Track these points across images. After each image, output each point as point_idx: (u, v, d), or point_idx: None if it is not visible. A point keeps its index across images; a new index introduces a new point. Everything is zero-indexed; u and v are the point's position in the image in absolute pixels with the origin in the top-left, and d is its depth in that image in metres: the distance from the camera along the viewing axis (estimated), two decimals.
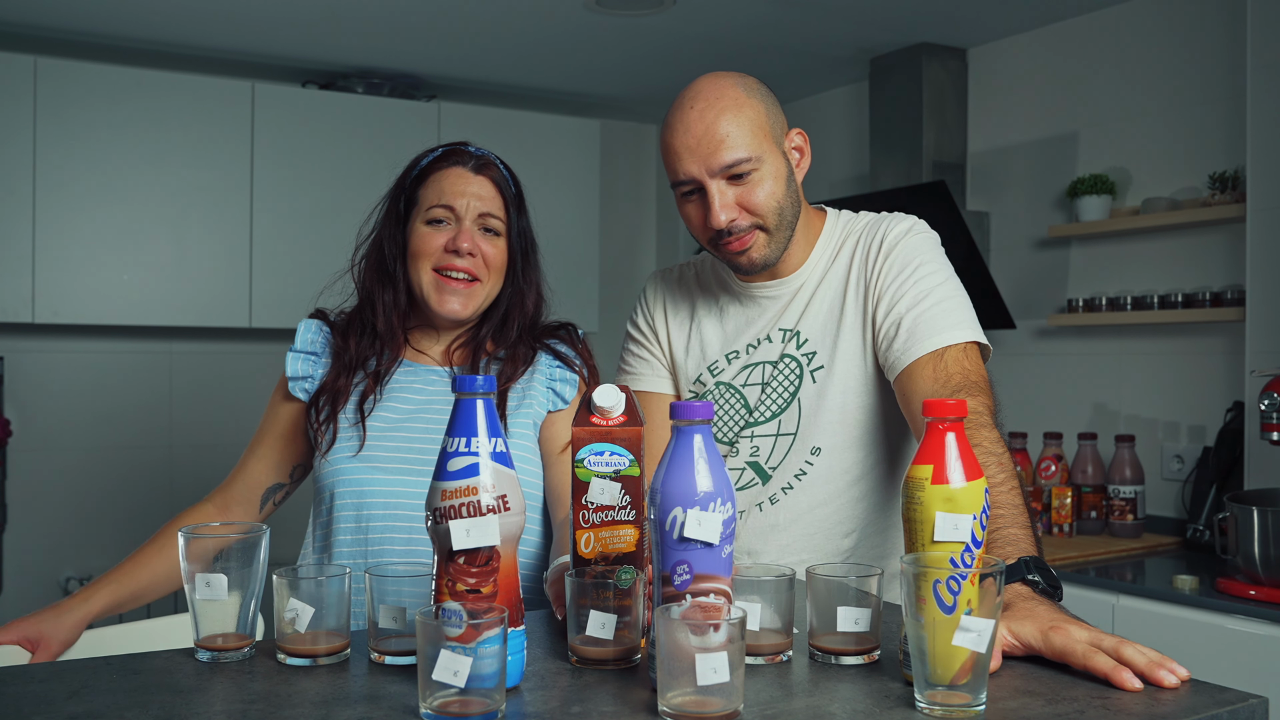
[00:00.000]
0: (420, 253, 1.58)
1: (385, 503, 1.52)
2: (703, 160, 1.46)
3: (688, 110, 1.47)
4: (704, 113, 1.46)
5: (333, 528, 1.55)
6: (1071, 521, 3.09)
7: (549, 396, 1.60)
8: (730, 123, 1.46)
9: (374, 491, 1.53)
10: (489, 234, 1.60)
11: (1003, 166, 3.61)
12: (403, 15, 3.41)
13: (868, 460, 1.56)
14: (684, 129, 1.47)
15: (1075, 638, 1.02)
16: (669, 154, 1.49)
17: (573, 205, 4.36)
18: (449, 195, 1.58)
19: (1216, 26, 3.05)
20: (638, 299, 1.76)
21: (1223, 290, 2.98)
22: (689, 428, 0.99)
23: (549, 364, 1.62)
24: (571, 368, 1.62)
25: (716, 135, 1.45)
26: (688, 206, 1.52)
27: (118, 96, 3.63)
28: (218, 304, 3.81)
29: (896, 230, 1.54)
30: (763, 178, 1.48)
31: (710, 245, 1.53)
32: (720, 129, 1.45)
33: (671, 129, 1.49)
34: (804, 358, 1.56)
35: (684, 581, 0.97)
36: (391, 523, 1.52)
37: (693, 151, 1.46)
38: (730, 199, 1.47)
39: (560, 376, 1.61)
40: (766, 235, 1.51)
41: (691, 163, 1.47)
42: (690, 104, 1.48)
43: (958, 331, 1.45)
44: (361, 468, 1.54)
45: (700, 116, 1.46)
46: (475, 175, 1.60)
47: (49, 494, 3.87)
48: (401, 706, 0.96)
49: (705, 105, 1.46)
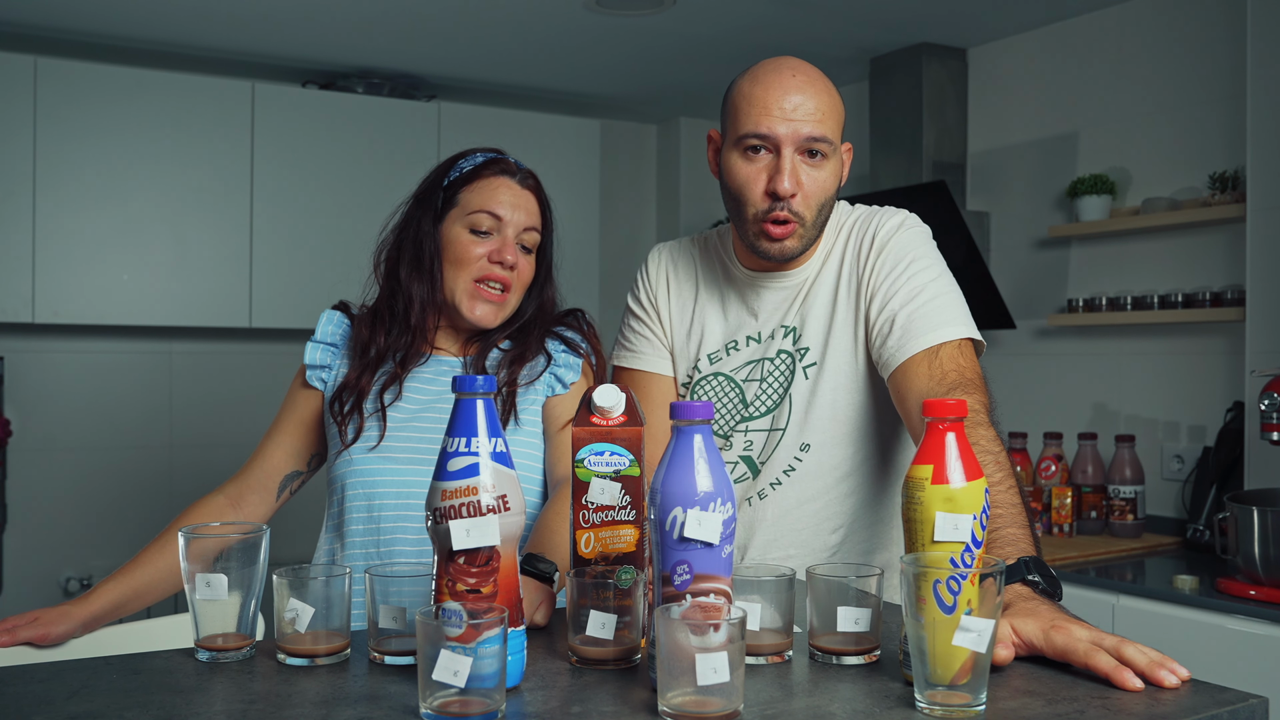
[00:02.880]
0: (463, 260, 1.58)
1: (398, 494, 1.53)
2: (792, 123, 1.45)
3: (785, 72, 1.46)
4: (805, 83, 1.46)
5: (344, 520, 1.57)
6: (1071, 521, 3.09)
7: (550, 382, 1.61)
8: (825, 103, 1.46)
9: (386, 483, 1.54)
10: (524, 249, 1.62)
11: (1003, 166, 3.61)
12: (403, 15, 3.41)
13: (856, 456, 1.56)
14: (780, 87, 1.45)
15: (1077, 637, 1.02)
16: (750, 104, 1.46)
17: (573, 205, 4.36)
18: (496, 204, 1.59)
19: (1216, 26, 3.05)
20: (639, 272, 1.72)
21: (1223, 290, 2.98)
22: (689, 428, 0.98)
23: (555, 349, 1.64)
24: (577, 351, 1.63)
25: (812, 106, 1.45)
26: (745, 164, 1.48)
27: (118, 96, 3.63)
28: (218, 304, 3.81)
29: (888, 226, 1.54)
30: (828, 168, 1.48)
31: (748, 216, 1.49)
32: (816, 103, 1.46)
33: (762, 84, 1.46)
34: (797, 353, 1.56)
35: (684, 581, 0.97)
36: (403, 514, 1.53)
37: (785, 112, 1.44)
38: (798, 173, 1.47)
39: (564, 361, 1.62)
40: (802, 230, 1.49)
41: (779, 122, 1.45)
42: (790, 69, 1.47)
43: (952, 328, 1.44)
44: (374, 458, 1.55)
45: (800, 84, 1.46)
46: (522, 189, 1.62)
47: (49, 494, 3.86)
48: (401, 706, 0.96)
49: (805, 77, 1.47)
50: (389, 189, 1.72)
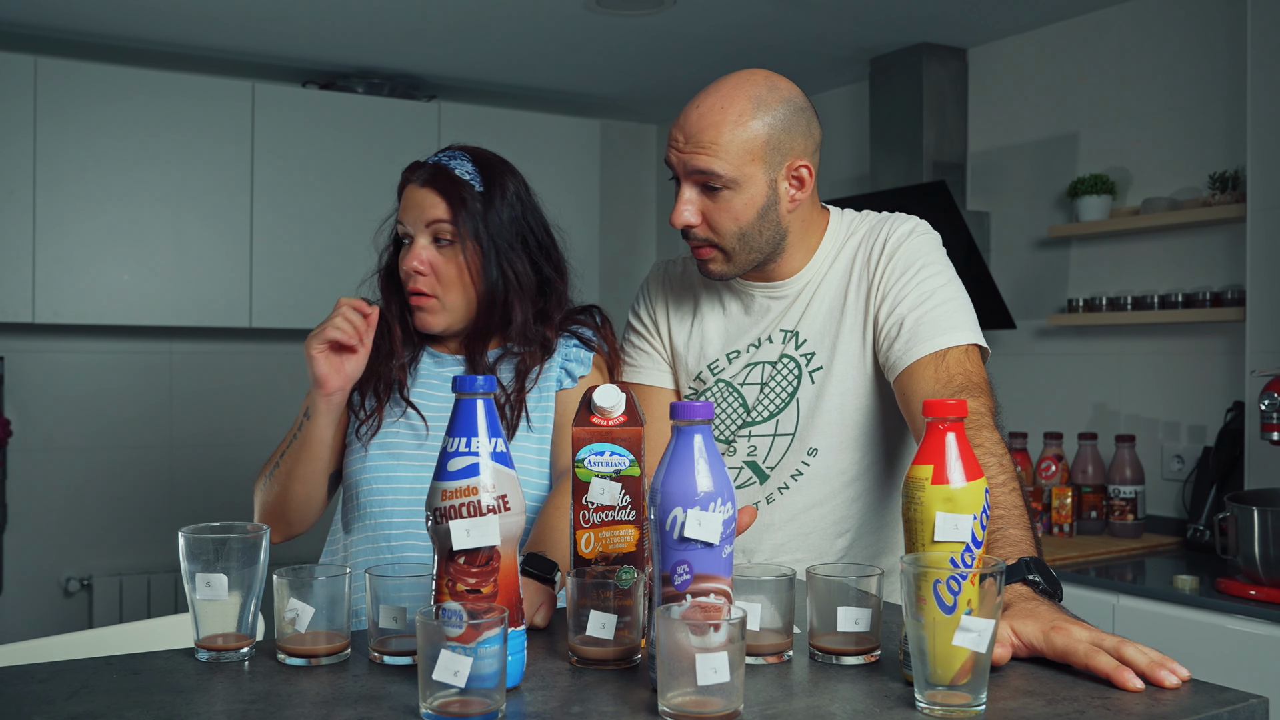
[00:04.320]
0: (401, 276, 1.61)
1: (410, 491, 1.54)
2: (681, 156, 1.46)
3: (695, 103, 1.47)
4: (705, 113, 1.45)
5: (354, 517, 1.59)
6: (1072, 521, 3.09)
7: (559, 376, 1.60)
8: (721, 133, 1.43)
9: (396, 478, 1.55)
10: (442, 244, 1.57)
11: (1003, 166, 3.61)
12: (403, 15, 3.41)
13: (864, 460, 1.56)
14: (682, 119, 1.47)
15: (1077, 637, 1.02)
16: (669, 135, 1.50)
17: (573, 205, 4.36)
18: (404, 214, 1.60)
19: (1216, 26, 3.05)
20: (640, 289, 1.74)
21: (1223, 290, 2.98)
22: (689, 428, 0.98)
23: (566, 345, 1.62)
24: (589, 346, 1.63)
25: (703, 140, 1.44)
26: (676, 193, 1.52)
27: (118, 96, 3.64)
28: (218, 304, 3.81)
29: (900, 231, 1.54)
30: (732, 200, 1.46)
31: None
32: (708, 135, 1.44)
33: (680, 113, 1.49)
34: (802, 359, 1.56)
35: (684, 581, 0.97)
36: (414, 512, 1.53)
37: (677, 144, 1.47)
38: (696, 205, 1.47)
39: (575, 356, 1.61)
40: (724, 255, 1.50)
41: (672, 153, 1.48)
42: (701, 99, 1.47)
43: (960, 333, 1.45)
44: (381, 455, 1.56)
45: (699, 115, 1.45)
46: (422, 188, 1.58)
47: (49, 494, 3.87)
48: (401, 706, 0.96)
49: (709, 106, 1.45)
50: (389, 189, 1.72)
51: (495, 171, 1.62)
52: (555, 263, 1.65)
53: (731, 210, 1.46)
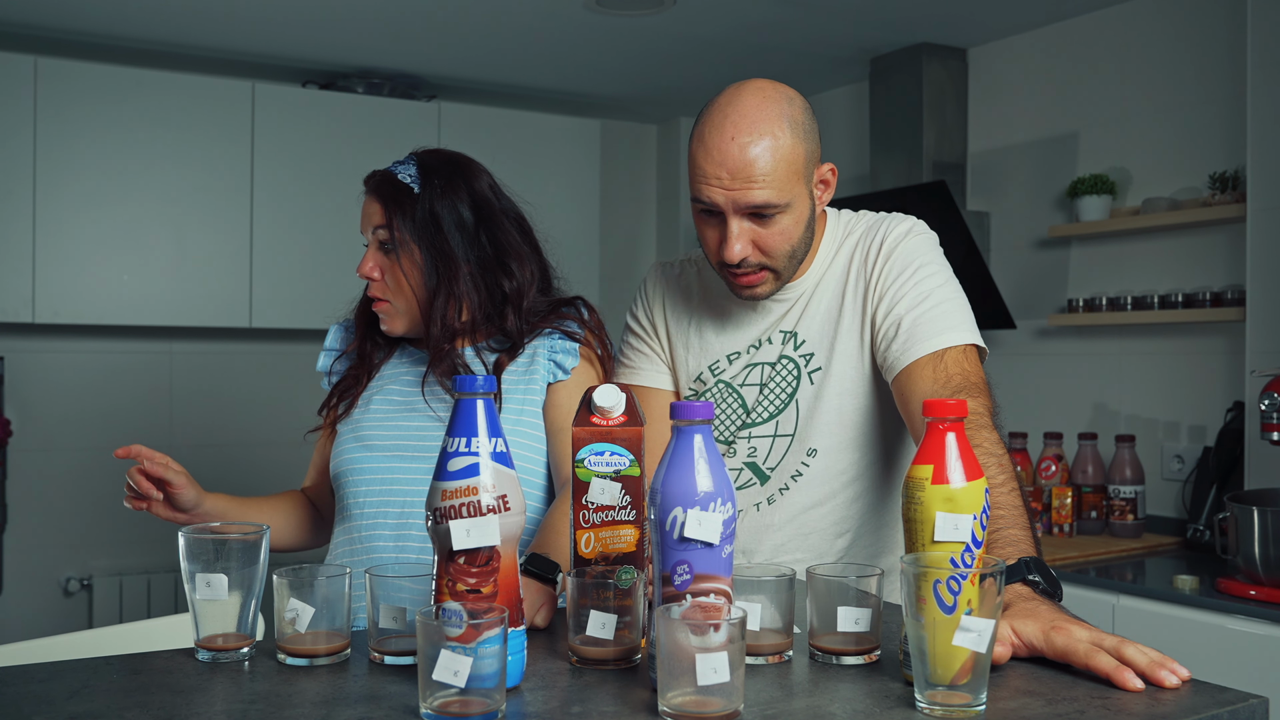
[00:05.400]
0: None
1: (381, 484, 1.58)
2: (730, 194, 1.41)
3: (724, 135, 1.40)
4: (744, 146, 1.39)
5: (339, 510, 1.64)
6: (1072, 521, 3.09)
7: (549, 369, 1.61)
8: (766, 163, 1.39)
9: (367, 469, 1.59)
10: (385, 248, 1.61)
11: (1003, 166, 3.61)
12: (403, 15, 3.41)
13: (863, 461, 1.56)
14: (718, 154, 1.40)
15: (1077, 637, 1.02)
16: (695, 171, 1.43)
17: (573, 205, 4.36)
18: (361, 225, 1.64)
19: (1216, 26, 3.05)
20: (638, 290, 1.74)
21: (1223, 290, 2.98)
22: (689, 428, 0.98)
23: (550, 337, 1.62)
24: (574, 338, 1.62)
25: (751, 174, 1.39)
26: (704, 225, 1.48)
27: (118, 96, 3.63)
28: (218, 304, 3.81)
29: (897, 231, 1.54)
30: (785, 222, 1.45)
31: (716, 266, 1.51)
32: (756, 168, 1.39)
33: (704, 147, 1.41)
34: (801, 359, 1.56)
35: (684, 581, 0.97)
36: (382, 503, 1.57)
37: (722, 182, 1.41)
38: (748, 236, 1.44)
39: (562, 348, 1.61)
40: (774, 275, 1.50)
41: (717, 192, 1.41)
42: (730, 128, 1.40)
43: (958, 333, 1.45)
44: (355, 446, 1.61)
45: (738, 148, 1.39)
46: (368, 196, 1.63)
47: (49, 494, 3.86)
48: (401, 706, 0.96)
49: (745, 136, 1.39)
50: None
51: (436, 173, 1.62)
52: (521, 257, 1.63)
53: (785, 232, 1.45)
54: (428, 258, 1.59)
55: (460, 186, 1.62)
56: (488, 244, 1.61)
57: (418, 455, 1.56)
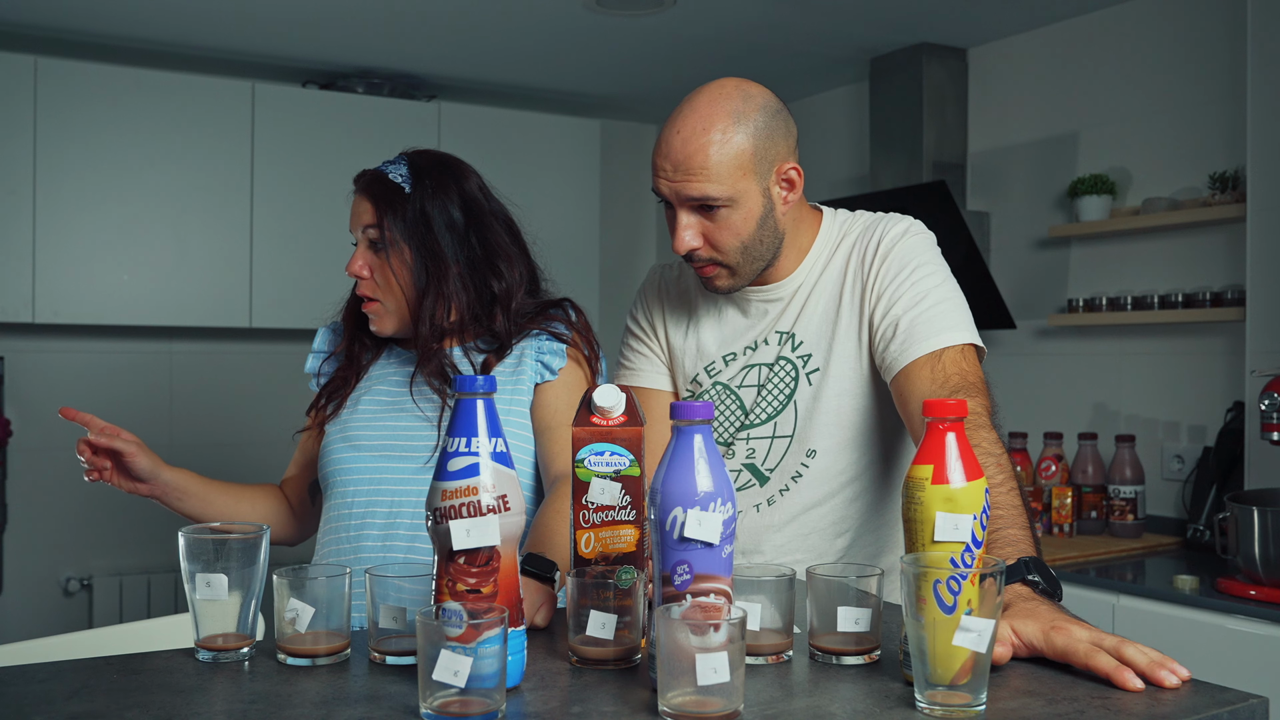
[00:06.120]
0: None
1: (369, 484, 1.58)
2: (672, 185, 1.44)
3: (674, 128, 1.44)
4: (688, 138, 1.42)
5: (324, 511, 1.64)
6: (1072, 521, 3.09)
7: (537, 369, 1.61)
8: (710, 156, 1.42)
9: (355, 469, 1.59)
10: (375, 247, 1.61)
11: (1003, 166, 3.61)
12: (403, 15, 3.41)
13: (862, 461, 1.56)
14: (664, 146, 1.44)
15: (1077, 637, 1.02)
16: (652, 163, 1.48)
17: (573, 205, 4.36)
18: (350, 222, 1.64)
19: (1216, 26, 3.05)
20: (637, 293, 1.75)
21: (1223, 290, 2.98)
22: (689, 428, 0.98)
23: (538, 338, 1.63)
24: (562, 339, 1.63)
25: (693, 165, 1.42)
26: (669, 221, 1.51)
27: (118, 96, 3.63)
28: (218, 304, 3.81)
29: (894, 231, 1.54)
30: (731, 217, 1.45)
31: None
32: (697, 160, 1.42)
33: (659, 140, 1.47)
34: (799, 360, 1.56)
35: (684, 581, 0.97)
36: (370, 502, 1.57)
37: (666, 174, 1.44)
38: (696, 228, 1.46)
39: (549, 349, 1.62)
40: (728, 270, 1.51)
41: (663, 184, 1.45)
42: (680, 123, 1.43)
43: (956, 333, 1.45)
44: (343, 447, 1.61)
45: (683, 141, 1.42)
46: (358, 195, 1.64)
47: (49, 494, 3.86)
48: (401, 706, 0.96)
49: (691, 129, 1.43)
50: None
51: (428, 173, 1.63)
52: (510, 258, 1.64)
53: (732, 227, 1.46)
54: (418, 257, 1.59)
55: (451, 187, 1.62)
56: (477, 245, 1.62)
57: (406, 455, 1.57)
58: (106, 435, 1.50)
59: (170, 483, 1.57)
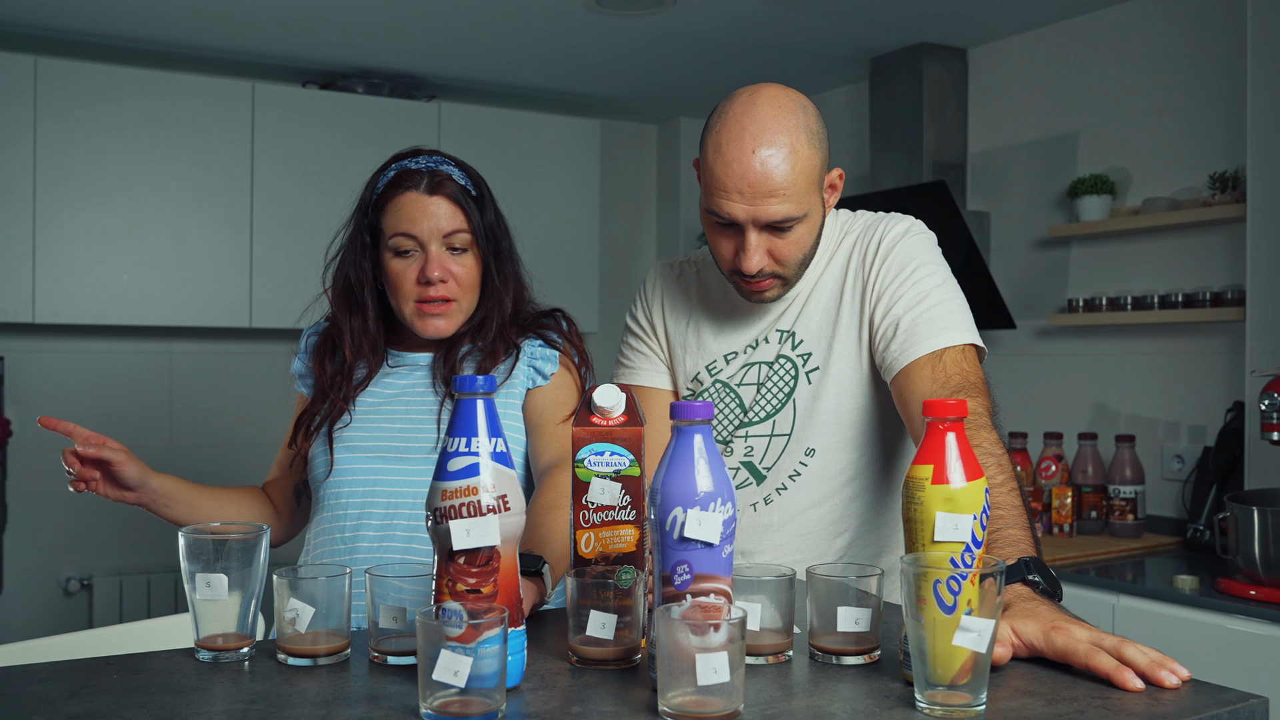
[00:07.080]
0: (398, 287, 1.60)
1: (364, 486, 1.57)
2: (751, 210, 1.40)
3: (744, 147, 1.38)
4: (766, 160, 1.38)
5: (315, 512, 1.63)
6: (1072, 521, 3.09)
7: (529, 374, 1.62)
8: (786, 176, 1.38)
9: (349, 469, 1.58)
10: (456, 252, 1.59)
11: (1003, 166, 3.61)
12: (403, 15, 3.41)
13: (861, 461, 1.56)
14: (739, 167, 1.38)
15: (1077, 637, 1.02)
16: (711, 179, 1.41)
17: (573, 205, 4.36)
18: (409, 224, 1.57)
19: (1216, 26, 3.05)
20: (637, 291, 1.75)
21: (1223, 290, 2.98)
22: (689, 428, 0.98)
23: (531, 345, 1.64)
24: (554, 346, 1.64)
25: (772, 188, 1.38)
26: (718, 235, 1.47)
27: (118, 96, 3.63)
28: (218, 304, 3.81)
29: (895, 231, 1.54)
30: (800, 231, 1.45)
31: (726, 272, 1.51)
32: (777, 182, 1.38)
33: (723, 159, 1.39)
34: (799, 359, 1.56)
35: (684, 581, 0.97)
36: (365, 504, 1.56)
37: (743, 195, 1.39)
38: (764, 247, 1.44)
39: (541, 355, 1.62)
40: (783, 282, 1.51)
41: (738, 208, 1.40)
42: (749, 141, 1.38)
43: (956, 333, 1.45)
44: (338, 449, 1.60)
45: (759, 162, 1.38)
46: (430, 197, 1.58)
47: (49, 494, 3.86)
48: (401, 706, 0.96)
49: (765, 150, 1.38)
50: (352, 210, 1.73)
51: (479, 177, 1.65)
52: (518, 263, 1.69)
53: (799, 241, 1.46)
54: (491, 258, 1.62)
55: (490, 192, 1.66)
56: (508, 249, 1.67)
57: (400, 457, 1.57)
58: (93, 444, 1.48)
59: (158, 489, 1.55)
